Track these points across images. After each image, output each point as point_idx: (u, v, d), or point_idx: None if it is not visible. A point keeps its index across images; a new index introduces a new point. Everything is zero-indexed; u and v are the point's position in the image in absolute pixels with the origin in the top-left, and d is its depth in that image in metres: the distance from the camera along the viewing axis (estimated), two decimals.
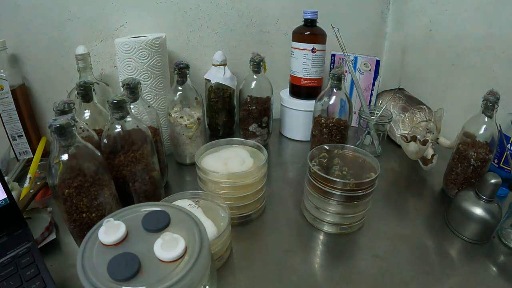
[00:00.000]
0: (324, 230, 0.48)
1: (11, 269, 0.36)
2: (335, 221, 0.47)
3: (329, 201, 0.46)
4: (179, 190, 0.47)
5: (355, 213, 0.46)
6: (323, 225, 0.48)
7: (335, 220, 0.47)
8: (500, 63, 0.62)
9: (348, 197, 0.45)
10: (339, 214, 0.46)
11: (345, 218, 0.47)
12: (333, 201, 0.45)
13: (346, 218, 0.47)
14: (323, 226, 0.48)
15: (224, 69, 0.74)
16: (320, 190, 0.46)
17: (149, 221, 0.29)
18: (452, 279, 0.41)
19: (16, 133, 0.66)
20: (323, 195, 0.46)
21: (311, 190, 0.48)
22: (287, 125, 0.80)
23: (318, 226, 0.49)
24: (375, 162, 0.48)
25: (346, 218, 0.47)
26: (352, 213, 0.46)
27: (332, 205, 0.46)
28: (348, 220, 0.47)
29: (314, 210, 0.49)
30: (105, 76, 0.75)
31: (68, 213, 0.39)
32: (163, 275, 0.25)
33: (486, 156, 0.51)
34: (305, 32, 0.71)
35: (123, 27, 0.72)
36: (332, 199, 0.45)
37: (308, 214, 0.50)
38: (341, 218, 0.47)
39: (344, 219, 0.47)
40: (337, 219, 0.47)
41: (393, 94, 0.79)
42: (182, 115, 0.62)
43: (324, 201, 0.46)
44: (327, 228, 0.48)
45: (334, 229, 0.48)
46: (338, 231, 0.48)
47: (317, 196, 0.47)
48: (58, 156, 0.37)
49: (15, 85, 0.65)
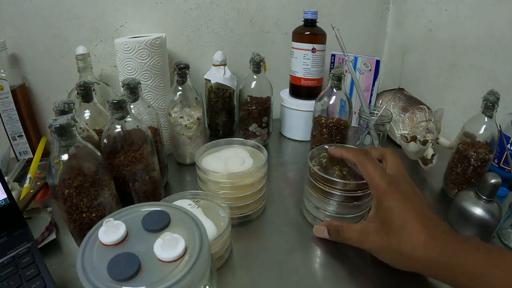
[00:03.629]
0: None
1: (11, 269, 0.36)
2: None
3: (329, 201, 0.46)
4: (179, 190, 0.47)
5: (355, 213, 0.46)
6: None
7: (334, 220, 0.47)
8: (500, 63, 0.62)
9: (349, 197, 0.45)
10: (339, 215, 0.46)
11: (345, 218, 0.47)
12: (333, 201, 0.45)
13: (346, 219, 0.47)
14: None
15: (224, 69, 0.74)
16: (320, 190, 0.46)
17: (149, 221, 0.29)
18: None
19: (16, 133, 0.66)
20: (323, 195, 0.46)
21: (311, 190, 0.48)
22: (287, 125, 0.80)
23: None
24: None
25: (347, 219, 0.47)
26: (352, 213, 0.46)
27: (332, 205, 0.46)
28: (348, 221, 0.47)
29: (314, 210, 0.48)
30: (105, 76, 0.75)
31: (68, 213, 0.39)
32: (163, 275, 0.25)
33: (486, 156, 0.51)
34: (305, 32, 0.71)
35: (123, 27, 0.72)
36: (332, 199, 0.45)
37: (308, 214, 0.50)
38: (341, 218, 0.47)
39: (345, 219, 0.47)
40: (338, 219, 0.47)
41: (393, 94, 0.79)
42: (182, 115, 0.62)
43: (324, 201, 0.46)
44: None
45: None
46: None
47: (317, 196, 0.47)
48: (58, 156, 0.37)
49: (15, 85, 0.65)
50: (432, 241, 0.32)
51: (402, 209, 0.34)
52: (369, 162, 0.39)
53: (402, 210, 0.34)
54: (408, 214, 0.34)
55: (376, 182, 0.37)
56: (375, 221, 0.37)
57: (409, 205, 0.34)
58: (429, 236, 0.32)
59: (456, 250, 0.31)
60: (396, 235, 0.34)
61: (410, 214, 0.34)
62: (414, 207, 0.34)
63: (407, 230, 0.33)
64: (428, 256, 0.32)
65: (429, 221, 0.34)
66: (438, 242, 0.32)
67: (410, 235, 0.33)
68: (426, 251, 0.32)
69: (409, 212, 0.34)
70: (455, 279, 0.31)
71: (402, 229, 0.34)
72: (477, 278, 0.29)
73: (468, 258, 0.30)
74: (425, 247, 0.32)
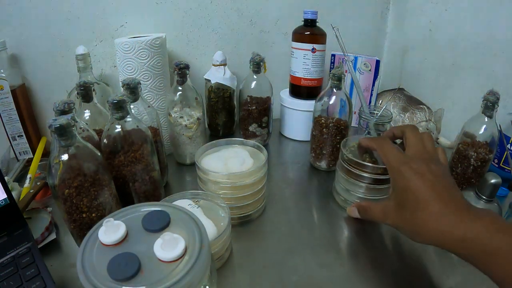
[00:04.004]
0: None
1: (11, 269, 0.36)
2: None
3: (359, 183, 0.51)
4: (179, 190, 0.47)
5: (381, 196, 0.51)
6: None
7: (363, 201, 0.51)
8: (500, 63, 0.62)
9: (377, 180, 0.49)
10: (368, 196, 0.51)
11: (373, 200, 0.51)
12: (363, 183, 0.50)
13: (374, 200, 0.51)
14: None
15: (224, 69, 0.74)
16: (353, 174, 0.51)
17: (149, 221, 0.29)
18: (452, 279, 0.41)
19: (16, 133, 0.66)
20: (355, 178, 0.51)
21: (343, 175, 0.53)
22: (287, 125, 0.80)
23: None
24: None
25: (374, 200, 0.51)
26: (379, 195, 0.51)
27: (362, 188, 0.51)
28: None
29: (345, 193, 0.54)
30: (105, 76, 0.75)
31: (68, 213, 0.39)
32: (163, 275, 0.25)
33: (486, 156, 0.51)
34: (305, 32, 0.71)
35: (123, 27, 0.72)
36: (362, 182, 0.50)
37: (339, 197, 0.55)
38: (369, 200, 0.51)
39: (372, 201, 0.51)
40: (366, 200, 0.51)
41: (393, 94, 0.79)
42: (182, 115, 0.62)
43: (354, 183, 0.51)
44: None
45: None
46: None
47: (348, 180, 0.52)
48: (58, 156, 0.37)
49: (15, 85, 0.65)
50: (444, 215, 0.32)
51: (414, 187, 0.35)
52: (385, 144, 0.42)
53: (414, 188, 0.35)
54: (420, 192, 0.35)
55: (391, 163, 0.39)
56: (393, 199, 0.38)
57: (421, 183, 0.35)
58: (441, 211, 0.33)
59: (470, 225, 0.31)
60: (409, 211, 0.35)
61: (422, 191, 0.35)
62: (427, 185, 0.35)
63: (420, 206, 0.34)
64: (441, 229, 0.32)
65: (442, 196, 0.34)
66: (451, 217, 0.32)
67: (423, 210, 0.34)
68: (439, 225, 0.32)
69: (421, 189, 0.35)
70: (469, 254, 0.31)
71: (416, 205, 0.35)
72: (492, 254, 0.29)
73: (482, 233, 0.30)
74: (437, 221, 0.32)
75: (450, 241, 0.32)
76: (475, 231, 0.30)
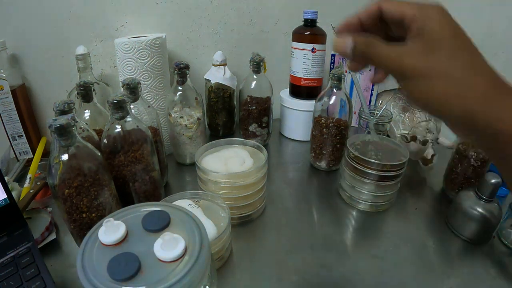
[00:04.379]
0: (359, 208, 0.54)
1: (11, 269, 0.36)
2: (368, 199, 0.53)
3: (365, 180, 0.52)
4: (179, 190, 0.47)
5: (385, 192, 0.52)
6: (358, 203, 0.54)
7: (368, 198, 0.53)
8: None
9: (383, 176, 0.50)
10: (372, 192, 0.52)
11: (377, 196, 0.53)
12: (369, 180, 0.51)
13: (378, 197, 0.53)
14: (359, 204, 0.54)
15: (224, 69, 0.74)
16: (358, 170, 0.52)
17: (149, 221, 0.29)
18: (452, 279, 0.41)
19: (16, 133, 0.66)
20: (360, 175, 0.52)
21: (349, 172, 0.54)
22: (287, 125, 0.80)
23: (353, 204, 0.55)
24: (404, 150, 0.53)
25: (379, 197, 0.53)
26: (383, 191, 0.52)
27: (368, 184, 0.52)
28: (380, 199, 0.53)
29: (350, 189, 0.55)
30: (105, 76, 0.75)
31: (68, 213, 0.39)
32: (163, 275, 0.25)
33: (486, 156, 0.51)
34: (305, 32, 0.71)
35: (123, 27, 0.72)
36: (368, 179, 0.51)
37: (344, 193, 0.56)
38: (374, 196, 0.52)
39: (377, 197, 0.53)
40: (371, 197, 0.53)
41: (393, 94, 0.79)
42: (182, 115, 0.62)
43: (360, 180, 0.52)
44: (362, 207, 0.54)
45: (367, 207, 0.54)
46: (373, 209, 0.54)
47: (353, 176, 0.53)
48: (58, 156, 0.37)
49: (15, 85, 0.65)
50: (477, 75, 0.25)
51: (458, 27, 0.27)
52: None
53: (458, 27, 0.27)
54: (465, 36, 0.27)
55: (409, 11, 0.27)
56: (417, 42, 0.27)
57: (459, 30, 0.28)
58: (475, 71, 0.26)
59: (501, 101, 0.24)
60: (449, 51, 0.27)
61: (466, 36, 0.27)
62: (466, 38, 0.28)
63: (468, 46, 0.27)
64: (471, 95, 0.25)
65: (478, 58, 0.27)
66: (486, 83, 0.25)
67: (472, 53, 0.27)
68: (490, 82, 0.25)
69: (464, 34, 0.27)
70: (493, 140, 0.24)
71: (461, 44, 0.27)
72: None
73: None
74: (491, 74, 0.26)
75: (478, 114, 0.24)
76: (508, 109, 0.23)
